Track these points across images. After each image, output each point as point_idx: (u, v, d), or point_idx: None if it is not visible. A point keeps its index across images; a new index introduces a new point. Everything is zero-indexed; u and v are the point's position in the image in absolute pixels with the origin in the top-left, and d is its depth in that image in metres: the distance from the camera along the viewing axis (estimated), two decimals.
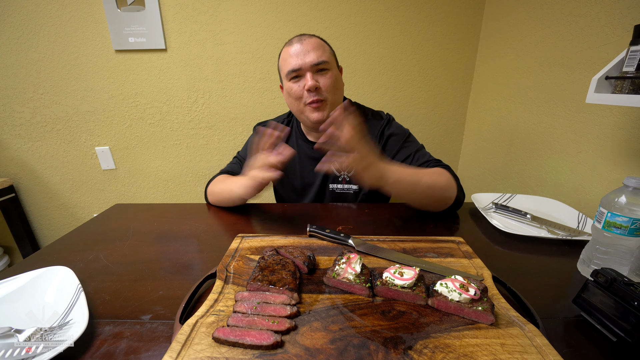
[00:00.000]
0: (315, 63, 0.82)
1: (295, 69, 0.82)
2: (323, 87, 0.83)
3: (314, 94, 0.83)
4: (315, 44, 0.83)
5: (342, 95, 0.93)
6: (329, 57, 0.85)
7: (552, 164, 1.10)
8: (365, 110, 0.97)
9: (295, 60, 0.82)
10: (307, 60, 0.81)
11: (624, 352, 0.41)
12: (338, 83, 0.88)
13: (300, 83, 0.84)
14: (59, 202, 1.82)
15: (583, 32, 0.97)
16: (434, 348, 0.39)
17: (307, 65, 0.82)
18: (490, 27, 1.50)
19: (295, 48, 0.82)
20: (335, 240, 0.66)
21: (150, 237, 0.74)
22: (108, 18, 1.48)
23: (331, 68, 0.85)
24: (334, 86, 0.85)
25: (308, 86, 0.81)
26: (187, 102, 1.66)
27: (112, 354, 0.41)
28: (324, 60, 0.83)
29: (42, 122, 1.64)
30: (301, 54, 0.82)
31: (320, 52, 0.83)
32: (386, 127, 0.93)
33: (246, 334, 0.39)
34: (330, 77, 0.84)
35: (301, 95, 0.84)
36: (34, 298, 0.50)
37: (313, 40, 0.83)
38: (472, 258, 0.59)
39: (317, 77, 0.83)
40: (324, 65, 0.83)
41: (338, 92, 0.88)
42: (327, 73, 0.84)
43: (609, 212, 0.53)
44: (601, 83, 0.69)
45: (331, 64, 0.85)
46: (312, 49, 0.82)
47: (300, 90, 0.84)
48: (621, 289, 0.42)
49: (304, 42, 0.82)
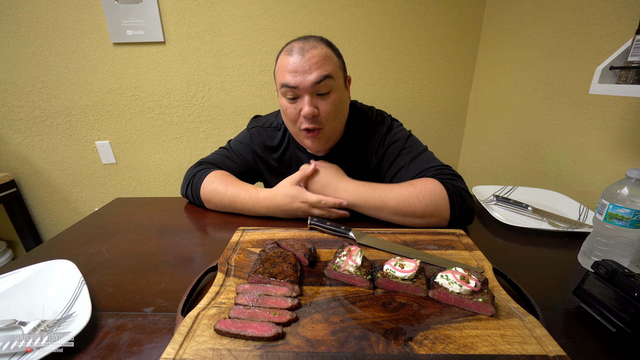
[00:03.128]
0: (317, 82, 0.68)
1: (291, 86, 0.70)
2: (322, 113, 0.72)
3: (311, 121, 0.72)
4: (320, 57, 0.69)
5: (344, 117, 0.80)
6: (334, 71, 0.71)
7: (554, 156, 1.09)
8: (367, 115, 0.87)
9: (293, 77, 0.69)
10: (307, 80, 0.68)
11: (623, 343, 0.41)
12: (340, 107, 0.75)
13: (296, 105, 0.72)
14: (61, 197, 1.83)
15: (587, 21, 0.96)
16: (434, 339, 0.39)
17: (307, 86, 0.69)
18: (492, 17, 1.48)
19: (294, 60, 0.69)
20: (336, 233, 0.66)
21: (152, 230, 0.74)
22: (105, 10, 1.46)
23: (334, 89, 0.72)
24: (335, 112, 0.74)
25: (305, 112, 0.70)
26: (187, 96, 1.65)
27: (115, 346, 0.41)
28: (327, 76, 0.69)
29: (41, 116, 1.63)
30: (300, 70, 0.68)
31: (325, 67, 0.69)
32: (386, 135, 0.83)
33: (247, 325, 0.40)
34: (332, 102, 0.72)
35: (296, 118, 0.74)
36: (37, 291, 0.50)
37: (317, 53, 0.69)
38: (473, 250, 0.59)
39: (316, 101, 0.71)
40: (328, 82, 0.70)
41: (340, 116, 0.77)
42: (329, 97, 0.72)
43: (611, 203, 0.53)
44: (605, 73, 0.68)
45: (336, 83, 0.72)
46: (315, 64, 0.68)
47: (296, 113, 0.73)
48: (621, 281, 0.42)
49: (306, 55, 0.68)
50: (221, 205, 0.81)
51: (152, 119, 1.69)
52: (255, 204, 0.76)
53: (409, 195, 0.70)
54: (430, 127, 1.77)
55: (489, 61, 1.52)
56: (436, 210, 0.69)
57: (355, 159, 0.87)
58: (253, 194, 0.77)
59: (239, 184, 0.81)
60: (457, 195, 0.70)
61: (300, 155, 0.90)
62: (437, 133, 1.78)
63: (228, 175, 0.84)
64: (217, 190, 0.80)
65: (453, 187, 0.70)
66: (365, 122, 0.86)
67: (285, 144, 0.90)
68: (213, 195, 0.81)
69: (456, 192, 0.70)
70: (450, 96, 1.70)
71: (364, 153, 0.86)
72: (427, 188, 0.70)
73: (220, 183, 0.81)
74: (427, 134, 1.78)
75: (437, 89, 1.68)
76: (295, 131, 0.79)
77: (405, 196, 0.70)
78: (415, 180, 0.74)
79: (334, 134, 0.80)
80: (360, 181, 0.75)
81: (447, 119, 1.75)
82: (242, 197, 0.77)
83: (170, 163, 1.80)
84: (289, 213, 0.75)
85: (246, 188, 0.79)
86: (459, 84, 1.67)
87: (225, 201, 0.79)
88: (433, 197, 0.69)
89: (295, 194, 0.73)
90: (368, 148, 0.85)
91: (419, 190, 0.70)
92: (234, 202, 0.78)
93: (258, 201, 0.76)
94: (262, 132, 0.90)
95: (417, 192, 0.69)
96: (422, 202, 0.69)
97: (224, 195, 0.79)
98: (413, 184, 0.72)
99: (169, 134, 1.73)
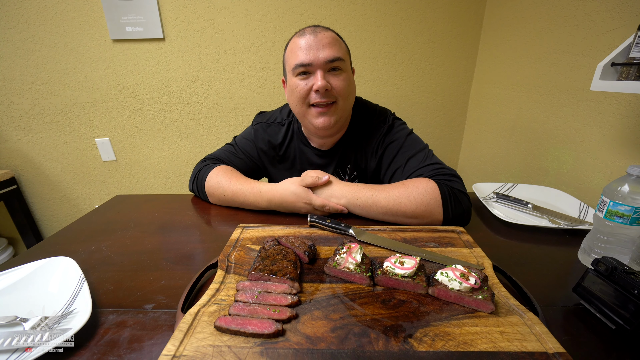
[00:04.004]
0: (330, 60, 0.71)
1: (305, 64, 0.72)
2: (336, 88, 0.74)
3: (324, 95, 0.73)
4: (331, 39, 0.73)
5: (353, 101, 0.82)
6: (344, 55, 0.75)
7: (554, 153, 1.09)
8: (371, 112, 0.87)
9: (306, 54, 0.71)
10: (320, 56, 0.71)
11: (622, 340, 0.41)
12: (351, 87, 0.78)
13: (308, 81, 0.74)
14: (61, 194, 1.83)
15: (589, 17, 0.95)
16: (434, 336, 0.39)
17: (320, 62, 0.71)
18: (493, 13, 1.47)
19: (307, 40, 0.72)
20: (336, 230, 0.66)
21: (152, 227, 0.74)
22: (104, 6, 1.45)
23: (345, 69, 0.75)
24: (346, 90, 0.75)
25: (317, 86, 0.72)
26: (187, 93, 1.65)
27: (115, 342, 0.41)
28: (339, 57, 0.72)
29: (41, 113, 1.63)
30: (314, 47, 0.71)
31: (337, 48, 0.73)
32: (386, 134, 0.84)
33: (248, 322, 0.40)
34: (345, 80, 0.75)
35: (306, 94, 0.75)
36: (37, 288, 0.50)
37: (329, 34, 0.73)
38: (473, 247, 0.59)
39: (328, 77, 0.73)
40: (339, 63, 0.73)
41: (350, 97, 0.79)
42: (341, 74, 0.74)
43: (611, 201, 0.53)
44: (607, 70, 0.68)
45: (346, 64, 0.76)
46: (328, 44, 0.72)
47: (307, 89, 0.74)
48: (621, 278, 0.42)
49: (318, 35, 0.72)
50: (224, 199, 0.82)
51: (152, 116, 1.69)
52: (257, 197, 0.77)
53: (400, 195, 0.69)
54: (431, 124, 1.76)
55: (490, 58, 1.51)
56: (427, 211, 0.68)
57: (357, 158, 0.88)
58: (255, 188, 0.78)
59: (242, 178, 0.83)
60: (452, 197, 0.68)
61: (304, 149, 0.90)
62: (438, 130, 1.78)
63: (232, 170, 0.86)
64: (220, 183, 0.81)
65: (448, 188, 0.69)
66: (369, 119, 0.86)
67: (289, 139, 0.91)
68: (216, 189, 0.82)
69: (451, 193, 0.69)
70: (451, 93, 1.69)
71: (365, 152, 0.86)
72: (420, 188, 0.69)
73: (224, 177, 0.82)
74: (428, 130, 1.77)
75: (437, 86, 1.67)
76: (303, 110, 0.78)
77: (396, 196, 0.70)
78: (409, 180, 0.74)
79: (344, 114, 0.80)
80: (353, 183, 0.76)
81: (447, 116, 1.75)
82: (245, 190, 0.78)
83: (170, 160, 1.79)
84: (289, 209, 0.77)
85: (249, 182, 0.80)
86: (460, 81, 1.67)
87: (228, 194, 0.80)
88: (424, 198, 0.68)
89: (302, 194, 0.74)
90: (369, 147, 0.86)
91: (410, 190, 0.70)
92: (236, 195, 0.79)
93: (260, 194, 0.77)
94: (266, 128, 0.92)
95: (409, 193, 0.69)
96: (412, 203, 0.68)
97: (227, 188, 0.80)
98: (406, 184, 0.72)
99: (169, 131, 1.73)
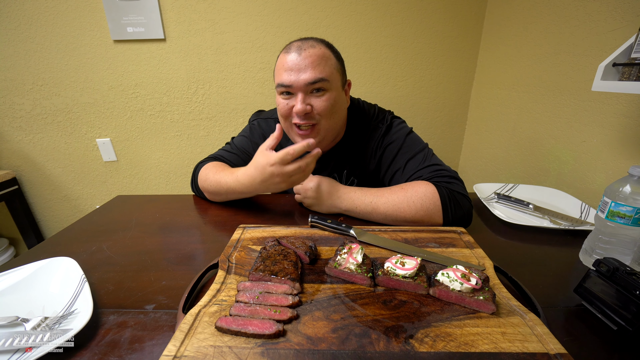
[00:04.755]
0: (311, 82, 0.69)
1: (286, 85, 0.71)
2: (316, 109, 0.72)
3: (303, 118, 0.72)
4: (316, 58, 0.69)
5: (341, 118, 0.79)
6: (330, 74, 0.71)
7: (555, 153, 1.09)
8: (369, 115, 0.86)
9: (288, 75, 0.70)
10: (301, 78, 0.69)
11: (624, 341, 0.41)
12: (336, 107, 0.74)
13: (289, 101, 0.73)
14: (62, 194, 1.83)
15: (591, 17, 0.95)
16: (435, 337, 0.39)
17: (300, 84, 0.69)
18: (494, 14, 1.47)
19: (291, 59, 0.70)
20: (337, 231, 0.66)
21: (153, 228, 0.74)
22: (105, 7, 1.46)
23: (330, 89, 0.72)
24: (329, 110, 0.73)
25: (296, 110, 0.70)
26: (187, 93, 1.65)
27: (116, 343, 0.41)
28: (321, 79, 0.69)
29: (42, 114, 1.63)
30: (295, 68, 0.69)
31: (321, 68, 0.70)
32: (384, 135, 0.82)
33: (248, 323, 0.40)
34: (327, 100, 0.72)
35: (288, 114, 0.74)
36: (39, 288, 0.50)
37: (314, 52, 0.70)
38: (474, 248, 0.59)
39: (310, 99, 0.71)
40: (322, 84, 0.70)
41: (335, 116, 0.76)
42: (323, 95, 0.72)
43: (613, 201, 0.52)
44: (608, 70, 0.68)
45: (331, 83, 0.72)
46: (310, 64, 0.69)
47: (288, 109, 0.73)
48: (623, 278, 0.42)
49: (302, 53, 0.69)
50: (212, 191, 0.82)
51: (152, 117, 1.69)
52: (235, 181, 0.75)
53: (399, 200, 0.69)
54: (432, 125, 1.76)
55: (491, 58, 1.51)
56: (427, 215, 0.68)
57: (355, 161, 0.87)
58: (233, 174, 0.76)
59: (226, 168, 0.82)
60: (452, 200, 0.68)
61: None
62: (439, 130, 1.78)
63: (220, 164, 0.86)
64: (207, 176, 0.82)
65: (448, 192, 0.68)
66: (366, 122, 0.85)
67: (285, 139, 0.89)
68: (204, 181, 0.83)
69: (451, 196, 0.68)
70: (452, 93, 1.69)
71: (363, 155, 0.86)
72: (419, 193, 0.68)
73: (211, 170, 0.83)
74: (428, 131, 1.77)
75: (438, 87, 1.67)
76: (287, 127, 0.78)
77: (395, 202, 0.69)
78: (408, 183, 0.73)
79: (329, 134, 0.79)
80: (353, 187, 0.76)
81: (448, 117, 1.75)
82: (226, 179, 0.78)
83: (171, 161, 1.80)
84: (267, 184, 0.70)
85: (230, 170, 0.79)
86: (461, 81, 1.67)
87: (213, 185, 0.81)
88: (424, 203, 0.68)
89: (263, 160, 0.68)
90: (367, 150, 0.85)
91: (410, 195, 0.69)
92: (219, 184, 0.79)
93: (237, 179, 0.75)
94: (263, 124, 0.92)
95: (408, 198, 0.69)
96: (412, 208, 0.68)
97: (212, 180, 0.81)
98: (405, 188, 0.71)
99: (169, 132, 1.73)
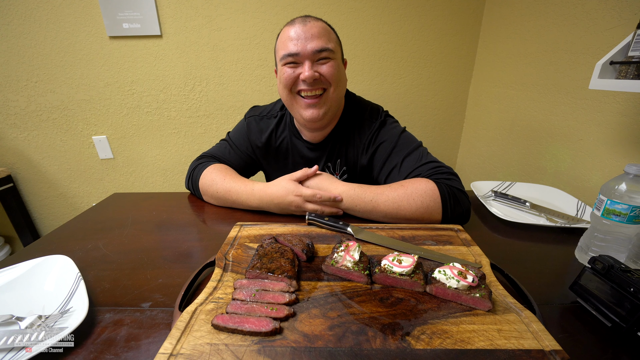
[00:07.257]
0: (318, 50, 0.72)
1: (292, 54, 0.72)
2: (325, 75, 0.74)
3: (313, 84, 0.74)
4: (321, 29, 0.73)
5: (343, 92, 0.82)
6: (334, 46, 0.75)
7: (552, 151, 1.09)
8: (363, 107, 0.87)
9: (294, 45, 0.72)
10: (308, 47, 0.71)
11: (618, 337, 0.42)
12: (341, 75, 0.78)
13: (296, 70, 0.74)
14: (58, 192, 1.82)
15: (588, 15, 0.95)
16: (431, 334, 0.39)
17: (308, 52, 0.72)
18: (492, 12, 1.47)
19: (296, 30, 0.72)
20: (334, 228, 0.66)
21: (149, 226, 0.74)
22: (101, 3, 1.44)
23: (335, 58, 0.75)
24: (336, 76, 0.75)
25: (304, 76, 0.72)
26: (184, 90, 1.64)
27: (113, 341, 0.41)
28: (327, 48, 0.72)
29: (37, 110, 1.62)
30: (302, 37, 0.71)
31: (326, 38, 0.73)
32: (378, 131, 0.83)
33: (245, 320, 0.40)
34: (333, 67, 0.74)
35: (293, 82, 0.75)
36: (34, 286, 0.50)
37: (319, 24, 0.73)
38: (471, 246, 0.60)
39: (317, 66, 0.74)
40: (327, 54, 0.73)
41: (341, 85, 0.78)
42: (329, 62, 0.74)
43: (608, 199, 0.53)
44: (605, 68, 0.68)
45: (336, 54, 0.75)
46: (317, 34, 0.72)
47: (294, 76, 0.74)
48: (618, 276, 0.42)
49: (307, 25, 0.72)
50: (217, 197, 0.81)
51: (149, 114, 1.68)
52: (250, 195, 0.76)
53: (399, 198, 0.69)
54: (429, 122, 1.76)
55: (489, 56, 1.51)
56: (427, 213, 0.68)
57: (347, 151, 0.87)
58: (248, 186, 0.77)
59: (237, 176, 0.82)
60: (451, 197, 0.68)
61: (296, 142, 0.90)
62: (436, 128, 1.78)
63: (227, 169, 0.85)
64: (214, 181, 0.81)
65: (447, 188, 0.68)
66: (360, 114, 0.86)
67: (282, 131, 0.90)
68: (209, 186, 0.81)
69: (450, 193, 0.68)
70: (450, 91, 1.69)
71: (355, 146, 0.86)
72: (419, 190, 0.69)
73: (218, 175, 0.82)
74: (426, 129, 1.77)
75: (436, 84, 1.67)
76: (291, 99, 0.78)
77: (395, 199, 0.69)
78: (408, 180, 0.73)
79: (334, 105, 0.79)
80: (353, 184, 0.74)
81: (446, 114, 1.75)
82: (237, 189, 0.78)
83: (168, 158, 1.79)
84: (282, 207, 0.74)
85: (242, 180, 0.80)
86: (458, 79, 1.67)
87: (220, 192, 0.80)
88: (424, 200, 0.68)
89: (290, 187, 0.73)
90: (360, 142, 0.85)
91: (410, 192, 0.69)
92: (229, 192, 0.79)
93: (252, 192, 0.76)
94: (259, 121, 0.92)
95: (408, 195, 0.69)
96: (412, 205, 0.68)
97: (220, 186, 0.80)
98: (404, 185, 0.71)
99: (166, 129, 1.72)
